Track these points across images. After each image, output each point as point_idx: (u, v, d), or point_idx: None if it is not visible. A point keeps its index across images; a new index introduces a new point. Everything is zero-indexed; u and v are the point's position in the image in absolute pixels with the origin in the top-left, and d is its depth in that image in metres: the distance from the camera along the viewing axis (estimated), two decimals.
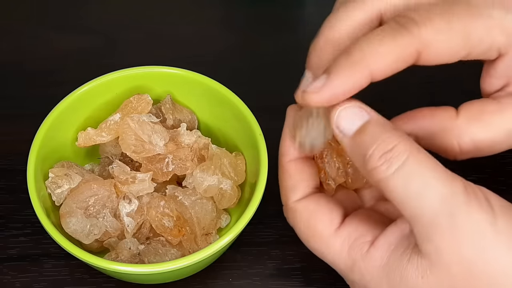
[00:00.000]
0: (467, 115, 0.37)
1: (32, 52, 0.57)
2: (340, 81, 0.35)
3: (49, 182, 0.43)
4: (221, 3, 0.60)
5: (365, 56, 0.35)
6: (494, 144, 0.37)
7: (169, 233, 0.42)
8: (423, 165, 0.33)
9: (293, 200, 0.39)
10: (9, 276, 0.44)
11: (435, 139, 0.37)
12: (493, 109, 0.37)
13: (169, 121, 0.46)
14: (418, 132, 0.37)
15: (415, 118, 0.38)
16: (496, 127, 0.37)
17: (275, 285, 0.44)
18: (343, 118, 0.36)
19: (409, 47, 0.35)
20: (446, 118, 0.37)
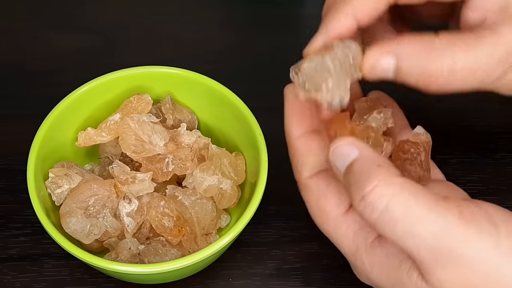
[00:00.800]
0: (448, 37, 0.36)
1: (32, 52, 0.57)
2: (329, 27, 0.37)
3: (49, 182, 0.43)
4: (221, 3, 0.60)
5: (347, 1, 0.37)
6: (474, 67, 0.36)
7: (169, 233, 0.42)
8: (409, 204, 0.33)
9: (305, 176, 0.39)
10: (9, 276, 0.44)
11: (416, 60, 0.36)
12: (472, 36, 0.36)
13: (169, 121, 0.46)
14: (401, 54, 0.36)
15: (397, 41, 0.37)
16: (476, 49, 0.36)
17: (275, 285, 0.44)
18: (335, 156, 0.36)
19: None
20: (428, 39, 0.36)
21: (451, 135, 0.50)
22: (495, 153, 0.50)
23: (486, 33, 0.36)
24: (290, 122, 0.40)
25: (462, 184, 0.47)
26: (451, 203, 0.33)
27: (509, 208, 0.46)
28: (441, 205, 0.33)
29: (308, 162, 0.40)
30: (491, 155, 0.50)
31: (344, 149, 0.36)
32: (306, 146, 0.40)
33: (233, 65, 0.55)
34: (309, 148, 0.40)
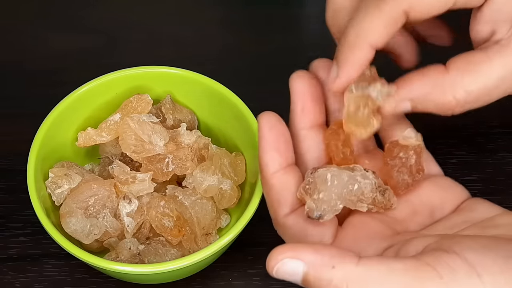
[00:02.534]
0: (457, 67, 0.37)
1: (32, 52, 0.56)
2: (349, 64, 0.38)
3: (49, 182, 0.43)
4: (221, 3, 0.60)
5: (359, 33, 0.37)
6: (488, 91, 0.37)
7: (169, 233, 0.42)
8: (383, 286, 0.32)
9: (282, 215, 0.38)
10: (9, 276, 0.44)
11: (430, 98, 0.38)
12: (481, 58, 0.37)
13: (169, 121, 0.46)
14: (413, 96, 0.38)
15: (408, 83, 0.38)
16: (487, 74, 0.37)
17: (275, 285, 0.44)
18: (284, 274, 0.34)
19: (395, 11, 0.37)
20: (436, 75, 0.38)
21: (451, 135, 0.50)
22: (495, 153, 0.50)
23: (494, 52, 0.37)
24: (264, 157, 0.38)
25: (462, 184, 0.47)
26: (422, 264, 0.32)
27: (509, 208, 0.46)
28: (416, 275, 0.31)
29: (285, 199, 0.38)
30: (491, 155, 0.50)
31: (287, 267, 0.33)
32: (283, 182, 0.38)
33: (233, 65, 0.55)
34: (286, 184, 0.38)
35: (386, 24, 0.37)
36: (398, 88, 0.38)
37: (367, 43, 0.37)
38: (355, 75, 0.38)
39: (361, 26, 0.38)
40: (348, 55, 0.38)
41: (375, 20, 0.37)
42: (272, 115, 0.39)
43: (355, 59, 0.38)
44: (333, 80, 0.39)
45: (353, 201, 0.38)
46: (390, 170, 0.40)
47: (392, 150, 0.40)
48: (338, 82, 0.39)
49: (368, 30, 0.37)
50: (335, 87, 0.39)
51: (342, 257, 0.33)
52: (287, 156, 0.39)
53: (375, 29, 0.37)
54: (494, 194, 0.47)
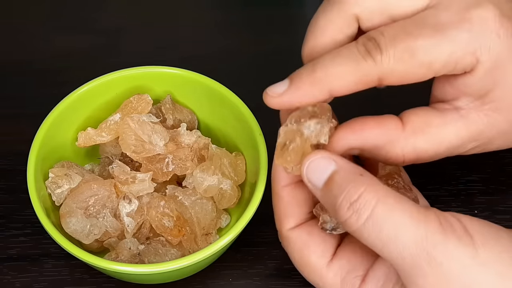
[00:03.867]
0: (413, 127, 0.37)
1: (32, 52, 0.57)
2: (299, 93, 0.37)
3: (49, 182, 0.43)
4: (221, 3, 0.60)
5: (327, 76, 0.36)
6: (436, 155, 0.38)
7: (169, 233, 0.42)
8: (393, 209, 0.33)
9: (287, 228, 0.39)
10: (9, 276, 0.44)
11: (381, 150, 0.37)
12: (438, 122, 0.37)
13: (169, 121, 0.46)
14: (364, 144, 0.37)
15: (361, 129, 0.37)
16: (440, 141, 0.37)
17: (275, 285, 0.44)
18: (311, 170, 0.36)
19: (370, 74, 0.36)
20: (391, 129, 0.37)
21: None
22: (495, 153, 0.50)
23: (452, 120, 0.37)
24: (277, 169, 0.39)
25: (462, 184, 0.47)
26: (431, 212, 0.34)
27: (509, 208, 0.46)
28: (422, 213, 0.33)
29: (292, 213, 0.39)
30: (491, 155, 0.50)
31: (320, 163, 0.36)
32: (292, 196, 0.39)
33: (233, 65, 0.55)
34: (295, 198, 0.40)
35: (356, 81, 0.36)
36: (348, 132, 0.37)
37: (329, 87, 0.36)
38: (298, 104, 0.37)
39: (333, 71, 0.36)
40: (306, 87, 0.36)
41: (348, 76, 0.36)
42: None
43: (309, 95, 0.36)
44: (276, 94, 0.37)
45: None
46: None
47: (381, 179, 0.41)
48: (279, 100, 0.37)
49: (338, 78, 0.36)
50: (274, 102, 0.37)
51: (371, 175, 0.35)
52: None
53: (345, 80, 0.36)
54: (494, 194, 0.47)
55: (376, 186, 0.34)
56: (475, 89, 0.37)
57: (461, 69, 0.36)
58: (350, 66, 0.36)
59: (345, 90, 0.36)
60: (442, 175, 0.48)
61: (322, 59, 0.37)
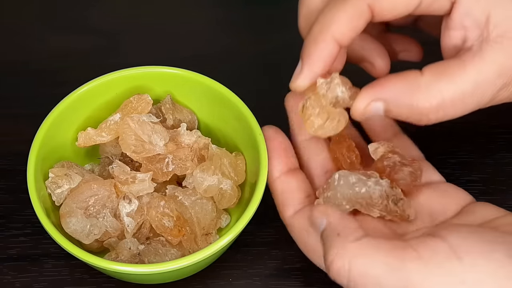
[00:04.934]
0: (432, 72, 0.37)
1: (32, 52, 0.56)
2: (312, 59, 0.38)
3: (49, 182, 0.43)
4: (221, 3, 0.60)
5: (323, 26, 0.37)
6: (463, 97, 0.37)
7: (169, 233, 0.42)
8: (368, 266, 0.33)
9: (287, 216, 0.42)
10: (9, 276, 0.44)
11: (404, 100, 0.37)
12: (455, 63, 0.37)
13: (169, 121, 0.46)
14: (387, 96, 0.37)
15: (382, 83, 0.38)
16: (461, 79, 0.37)
17: (275, 285, 0.44)
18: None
19: (359, 4, 0.37)
20: (411, 77, 0.37)
21: (451, 135, 0.50)
22: (495, 153, 0.50)
23: (468, 58, 0.37)
24: (271, 162, 0.42)
25: (462, 184, 0.47)
26: (407, 248, 0.33)
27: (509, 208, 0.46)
28: (398, 256, 0.33)
29: (288, 202, 0.42)
30: (491, 155, 0.50)
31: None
32: (284, 186, 0.42)
33: (233, 65, 0.55)
34: (288, 187, 0.42)
35: (350, 16, 0.37)
36: (371, 88, 0.38)
37: (330, 36, 0.37)
38: (318, 71, 0.38)
39: (325, 19, 0.37)
40: (311, 49, 0.38)
41: (339, 13, 0.37)
42: (270, 128, 0.43)
43: (318, 53, 0.38)
44: (297, 76, 0.38)
45: (362, 204, 0.40)
46: (392, 178, 0.41)
47: (378, 167, 0.41)
48: (301, 77, 0.38)
49: (332, 22, 0.37)
50: (298, 83, 0.38)
51: (351, 230, 0.35)
52: (286, 162, 0.43)
53: (339, 21, 0.37)
54: (494, 194, 0.47)
55: (346, 247, 0.34)
56: (473, 18, 0.37)
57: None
58: (338, 6, 0.37)
59: (346, 31, 0.37)
60: (442, 175, 0.47)
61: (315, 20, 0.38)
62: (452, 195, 0.41)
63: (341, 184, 0.40)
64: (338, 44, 0.38)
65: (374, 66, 0.43)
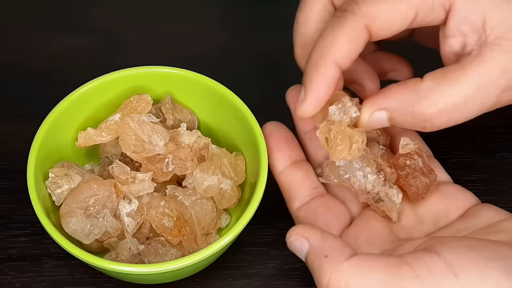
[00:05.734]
0: (432, 78, 0.37)
1: (32, 52, 0.56)
2: (315, 85, 0.38)
3: (49, 182, 0.43)
4: (221, 3, 0.60)
5: (323, 51, 0.37)
6: (465, 100, 0.37)
7: (169, 233, 0.42)
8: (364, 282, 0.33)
9: (294, 209, 0.42)
10: (9, 276, 0.44)
11: (407, 107, 0.37)
12: (456, 68, 0.37)
13: (169, 121, 0.46)
14: (390, 105, 0.38)
15: (384, 92, 0.38)
16: (463, 82, 0.37)
17: (275, 285, 0.44)
18: (293, 250, 0.37)
19: (357, 26, 0.37)
20: (412, 85, 0.37)
21: (451, 135, 0.50)
22: (495, 153, 0.50)
23: (469, 62, 0.37)
24: (270, 160, 0.42)
25: (462, 184, 0.47)
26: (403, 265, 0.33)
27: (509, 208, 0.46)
28: (394, 273, 0.33)
29: (294, 194, 0.42)
30: (491, 155, 0.50)
31: (296, 244, 0.37)
32: (289, 179, 0.42)
33: (233, 65, 0.55)
34: (293, 181, 0.42)
35: (349, 39, 0.37)
36: (373, 99, 0.38)
37: (331, 60, 0.37)
38: (322, 97, 0.38)
39: (325, 43, 0.37)
40: (313, 75, 0.37)
41: (338, 36, 0.37)
42: (270, 123, 0.44)
43: (320, 78, 0.37)
44: (301, 104, 0.38)
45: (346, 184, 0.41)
46: (405, 180, 0.41)
47: (397, 163, 0.41)
48: (306, 105, 0.38)
49: (331, 46, 0.37)
50: (303, 111, 0.38)
51: (338, 250, 0.35)
52: (290, 154, 0.43)
53: (339, 44, 0.37)
54: (494, 194, 0.47)
55: (339, 268, 0.34)
56: (469, 23, 0.37)
57: (439, 4, 0.37)
58: (336, 29, 0.37)
59: (345, 54, 0.37)
60: None
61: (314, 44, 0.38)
62: (457, 197, 0.41)
63: (330, 161, 0.41)
64: (339, 67, 0.37)
65: (364, 88, 0.43)
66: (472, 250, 0.33)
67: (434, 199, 0.41)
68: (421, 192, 0.41)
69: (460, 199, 0.41)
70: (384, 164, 0.41)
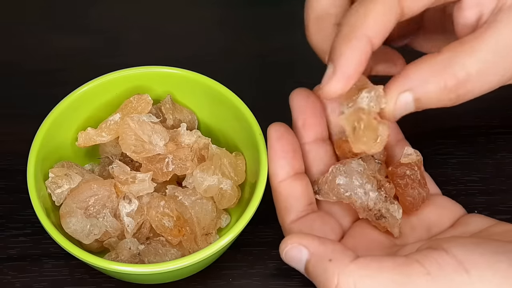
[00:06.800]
0: (450, 49, 0.36)
1: (32, 52, 0.56)
2: (345, 59, 0.35)
3: (49, 182, 0.43)
4: (221, 3, 0.60)
5: (354, 25, 0.35)
6: (488, 67, 0.36)
7: (169, 233, 0.42)
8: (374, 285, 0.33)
9: (288, 222, 0.40)
10: (9, 276, 0.44)
11: (430, 82, 0.36)
12: (473, 37, 0.36)
13: (169, 121, 0.46)
14: (412, 84, 0.36)
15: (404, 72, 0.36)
16: (482, 50, 0.35)
17: (275, 285, 0.44)
18: (289, 261, 0.36)
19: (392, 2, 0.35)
20: (431, 60, 0.36)
21: (451, 135, 0.50)
22: (495, 153, 0.50)
23: (485, 29, 0.36)
24: (272, 166, 0.40)
25: (462, 184, 0.47)
26: (413, 264, 0.33)
27: (509, 208, 0.46)
28: (404, 271, 0.33)
29: (292, 207, 0.40)
30: (491, 155, 0.50)
31: (293, 253, 0.36)
32: (289, 190, 0.40)
33: (233, 65, 0.55)
34: (292, 192, 0.40)
35: (381, 13, 0.35)
36: (395, 81, 0.36)
37: (364, 34, 0.35)
38: (353, 73, 0.35)
39: (356, 17, 0.35)
40: (343, 48, 0.35)
41: (371, 10, 0.35)
42: (280, 125, 0.41)
43: (352, 52, 0.35)
44: (328, 80, 0.35)
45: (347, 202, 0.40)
46: (403, 190, 0.41)
47: (397, 171, 0.41)
48: (334, 83, 0.35)
49: (364, 20, 0.35)
50: (330, 89, 0.35)
51: (341, 253, 0.34)
52: (294, 164, 0.41)
53: (372, 18, 0.35)
54: (494, 194, 0.47)
55: (347, 270, 0.34)
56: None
57: None
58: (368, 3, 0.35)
59: (379, 30, 0.35)
60: (442, 175, 0.47)
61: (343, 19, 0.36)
62: (448, 207, 0.42)
63: (329, 179, 0.40)
64: (371, 43, 0.35)
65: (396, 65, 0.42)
66: (479, 246, 0.33)
67: (426, 209, 0.41)
68: (416, 204, 0.41)
69: (451, 209, 0.41)
70: (383, 180, 0.41)
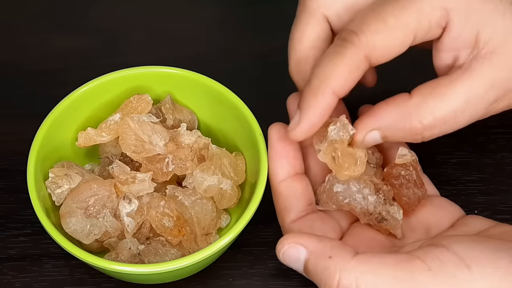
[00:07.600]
0: (421, 93, 0.37)
1: (32, 52, 0.56)
2: (311, 110, 0.38)
3: (49, 182, 0.43)
4: (221, 3, 0.60)
5: (322, 80, 0.37)
6: (454, 115, 0.37)
7: (169, 233, 0.42)
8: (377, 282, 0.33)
9: (288, 221, 0.41)
10: (9, 276, 0.44)
11: (397, 124, 0.38)
12: (445, 82, 0.37)
13: (169, 121, 0.46)
14: (381, 124, 0.38)
15: (374, 112, 0.38)
16: (451, 97, 0.37)
17: (275, 285, 0.44)
18: (287, 261, 0.37)
19: (357, 57, 0.37)
20: (401, 102, 0.38)
21: (451, 135, 0.50)
22: (495, 153, 0.50)
23: (458, 76, 0.37)
24: (272, 165, 0.41)
25: (462, 184, 0.47)
26: (414, 260, 0.33)
27: (509, 208, 0.46)
28: (405, 268, 0.33)
29: (292, 206, 0.41)
30: (491, 155, 0.50)
31: (291, 252, 0.36)
32: (289, 190, 0.41)
33: (233, 65, 0.55)
34: (293, 192, 0.41)
35: (348, 70, 0.37)
36: (366, 119, 0.39)
37: (330, 90, 0.37)
38: (317, 122, 0.38)
39: (324, 73, 0.37)
40: (311, 101, 0.38)
41: (338, 67, 0.37)
42: (281, 125, 0.42)
43: (318, 106, 0.38)
44: (295, 126, 0.38)
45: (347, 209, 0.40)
46: (399, 190, 0.41)
47: (392, 172, 0.41)
48: (299, 129, 0.38)
49: (331, 76, 0.37)
50: (296, 134, 0.38)
51: (341, 249, 0.35)
52: (295, 164, 0.42)
53: (338, 75, 0.37)
54: (494, 194, 0.47)
55: (348, 266, 0.34)
56: (463, 39, 0.37)
57: (436, 24, 0.37)
58: (336, 59, 0.37)
59: (344, 84, 0.37)
60: (442, 175, 0.48)
61: (313, 70, 0.38)
62: (446, 208, 0.42)
63: (327, 188, 0.40)
64: (336, 96, 0.38)
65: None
66: (479, 243, 0.34)
67: (425, 210, 0.41)
68: (412, 204, 0.41)
69: (450, 210, 0.41)
70: (380, 183, 0.41)
